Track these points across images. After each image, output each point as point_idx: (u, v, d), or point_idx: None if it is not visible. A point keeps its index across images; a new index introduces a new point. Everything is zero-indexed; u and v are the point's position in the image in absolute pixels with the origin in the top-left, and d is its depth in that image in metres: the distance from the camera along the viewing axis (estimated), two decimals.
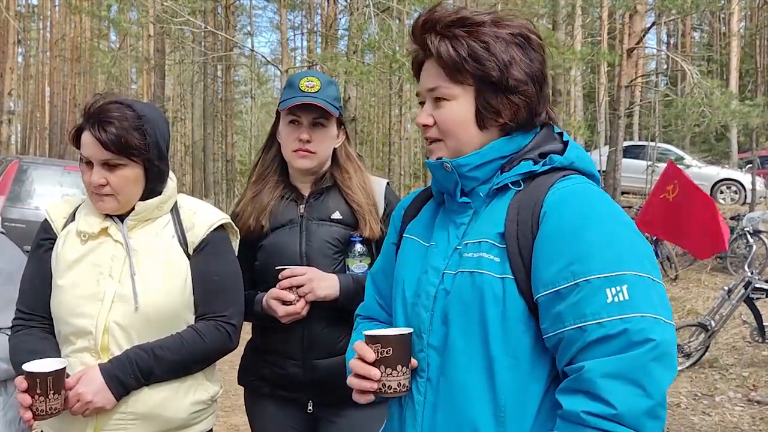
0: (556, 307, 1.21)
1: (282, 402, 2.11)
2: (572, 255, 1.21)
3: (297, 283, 1.98)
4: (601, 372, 1.14)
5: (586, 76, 22.97)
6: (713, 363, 6.65)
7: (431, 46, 1.31)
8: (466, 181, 1.36)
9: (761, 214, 11.65)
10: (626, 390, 1.13)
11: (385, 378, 1.31)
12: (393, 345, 1.31)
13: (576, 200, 1.26)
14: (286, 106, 2.05)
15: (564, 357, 1.21)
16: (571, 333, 1.19)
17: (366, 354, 1.31)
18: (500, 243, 1.29)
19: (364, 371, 1.32)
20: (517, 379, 1.25)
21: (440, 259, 1.36)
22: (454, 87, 1.33)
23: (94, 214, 1.80)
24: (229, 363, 1.99)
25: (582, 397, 1.16)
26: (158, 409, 1.75)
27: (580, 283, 1.19)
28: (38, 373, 1.54)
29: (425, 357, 1.35)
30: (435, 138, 1.37)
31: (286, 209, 2.11)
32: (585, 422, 1.15)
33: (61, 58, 28.56)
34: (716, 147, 24.19)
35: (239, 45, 20.64)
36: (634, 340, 1.14)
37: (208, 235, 1.84)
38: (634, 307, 1.16)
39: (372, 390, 1.32)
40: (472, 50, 1.29)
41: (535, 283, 1.24)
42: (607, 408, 1.13)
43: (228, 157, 22.87)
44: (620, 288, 1.17)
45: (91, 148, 1.72)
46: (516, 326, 1.25)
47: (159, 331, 1.76)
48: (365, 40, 12.06)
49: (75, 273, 1.76)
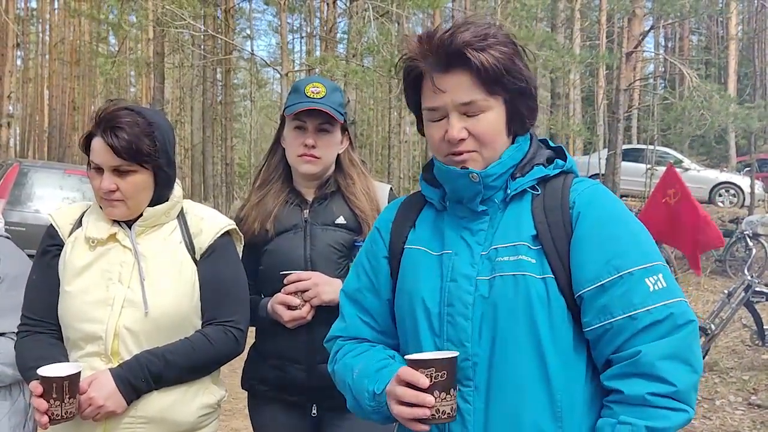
0: (601, 300, 1.28)
1: (285, 406, 2.12)
2: (612, 250, 1.29)
3: (302, 287, 1.99)
4: (658, 355, 1.23)
5: (585, 79, 23.01)
6: (713, 366, 6.65)
7: (474, 58, 1.30)
8: (488, 190, 1.38)
9: (760, 218, 11.68)
10: (681, 368, 1.24)
11: (439, 404, 1.26)
12: (447, 369, 1.26)
13: (603, 200, 1.36)
14: (292, 111, 2.06)
15: (610, 346, 1.28)
16: (620, 322, 1.26)
17: (419, 380, 1.25)
18: (534, 245, 1.33)
19: (418, 399, 1.26)
20: (566, 374, 1.31)
21: (468, 266, 1.36)
22: (490, 98, 1.35)
23: (102, 219, 1.81)
24: (230, 367, 2.00)
25: (642, 380, 1.24)
26: (167, 412, 1.76)
27: (624, 275, 1.27)
28: (55, 378, 1.55)
29: (471, 366, 1.34)
30: (471, 150, 1.36)
31: (290, 214, 2.12)
32: (650, 403, 1.22)
33: (60, 62, 28.56)
34: (715, 150, 24.24)
35: (239, 48, 20.66)
36: (679, 323, 1.25)
37: (215, 240, 1.86)
38: (673, 293, 1.27)
39: (425, 417, 1.26)
40: (509, 60, 1.34)
41: (577, 279, 1.30)
42: (669, 386, 1.22)
43: (227, 161, 22.85)
44: (657, 277, 1.28)
45: (102, 154, 1.73)
46: (561, 323, 1.31)
47: (168, 335, 1.77)
48: (364, 43, 12.07)
49: (84, 279, 1.77)
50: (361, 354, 1.48)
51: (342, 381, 1.48)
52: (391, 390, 1.32)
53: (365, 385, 1.39)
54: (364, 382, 1.40)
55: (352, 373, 1.44)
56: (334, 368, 1.52)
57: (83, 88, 28.50)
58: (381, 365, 1.41)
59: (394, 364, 1.40)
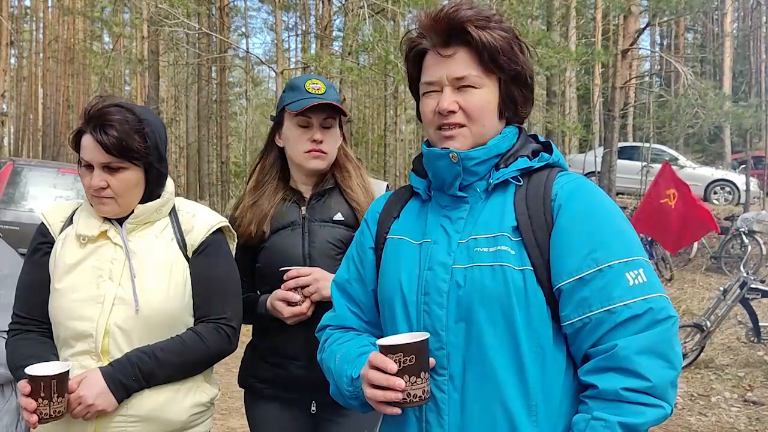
0: (580, 293, 1.27)
1: (284, 403, 2.11)
2: (592, 243, 1.28)
3: (303, 283, 1.99)
4: (634, 349, 1.22)
5: (581, 77, 23.02)
6: (709, 363, 6.67)
7: (474, 34, 1.34)
8: (468, 175, 1.38)
9: (755, 215, 11.71)
10: (657, 363, 1.22)
11: (410, 387, 1.27)
12: (416, 352, 1.27)
13: (585, 193, 1.35)
14: (300, 107, 2.05)
15: (588, 340, 1.27)
16: (599, 316, 1.25)
17: (387, 365, 1.27)
18: (514, 236, 1.33)
19: (388, 383, 1.27)
20: (542, 367, 1.30)
21: (444, 254, 1.37)
22: (485, 76, 1.38)
23: (93, 217, 1.80)
24: (225, 366, 1.99)
25: (617, 375, 1.22)
26: (158, 411, 1.75)
27: (604, 268, 1.26)
28: (42, 377, 1.54)
29: (445, 354, 1.34)
30: (459, 123, 1.38)
31: (287, 211, 2.11)
32: (625, 398, 1.21)
33: (55, 60, 28.45)
34: (710, 148, 24.30)
35: (234, 46, 20.61)
36: (659, 318, 1.24)
37: (206, 238, 1.84)
38: (653, 288, 1.26)
39: (397, 400, 1.28)
40: (506, 43, 1.37)
41: (556, 271, 1.30)
42: (644, 381, 1.21)
43: (223, 159, 22.80)
44: (638, 271, 1.27)
45: (92, 151, 1.72)
46: (538, 316, 1.30)
47: (159, 333, 1.75)
48: (359, 41, 12.05)
49: (74, 276, 1.75)
50: (346, 342, 1.50)
51: (327, 368, 1.49)
52: (364, 374, 1.33)
53: (344, 370, 1.41)
54: (344, 367, 1.42)
55: (334, 359, 1.46)
56: (322, 356, 1.53)
57: (77, 86, 28.40)
58: (361, 351, 1.43)
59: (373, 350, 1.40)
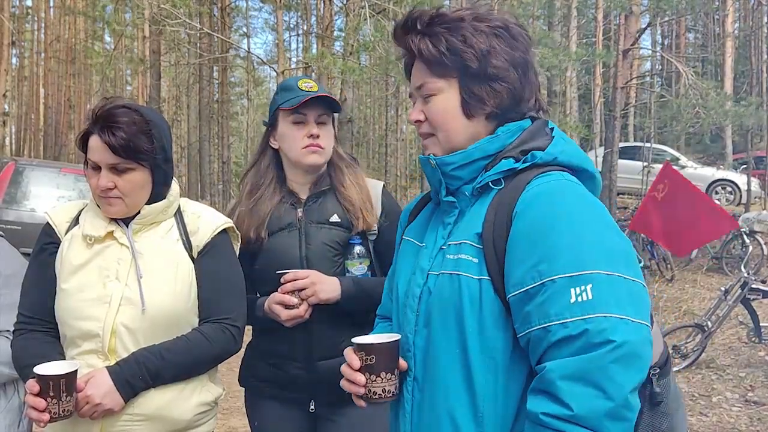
0: (525, 308, 1.20)
1: (284, 402, 2.12)
2: (539, 254, 1.20)
3: (300, 286, 1.99)
4: (560, 373, 1.13)
5: (582, 77, 23.01)
6: (710, 364, 6.67)
7: (412, 46, 1.36)
8: (449, 180, 1.38)
9: (756, 215, 11.71)
10: (584, 392, 1.12)
11: (370, 384, 1.36)
12: (376, 353, 1.35)
13: (547, 199, 1.24)
14: (294, 104, 2.06)
15: (533, 357, 1.21)
16: (537, 333, 1.18)
17: (352, 361, 1.38)
18: (478, 243, 1.29)
19: (351, 377, 1.38)
20: (494, 379, 1.25)
21: (426, 260, 1.39)
22: (438, 81, 1.36)
23: (99, 217, 1.81)
24: (227, 365, 2.00)
25: (543, 398, 1.16)
26: (164, 410, 1.76)
27: (546, 282, 1.18)
28: (52, 376, 1.55)
29: (412, 357, 1.38)
30: (427, 133, 1.41)
31: (284, 213, 2.12)
32: (543, 423, 1.14)
33: (56, 60, 28.49)
34: (711, 148, 24.26)
35: (235, 46, 20.61)
36: (594, 342, 1.12)
37: (212, 238, 1.85)
38: (597, 307, 1.14)
39: (359, 395, 1.38)
40: (451, 44, 1.32)
41: (507, 282, 1.24)
42: (564, 409, 1.12)
43: (224, 159, 22.82)
44: (584, 288, 1.15)
45: (99, 152, 1.73)
46: (492, 327, 1.25)
47: (165, 333, 1.77)
48: (360, 40, 12.04)
49: (81, 276, 1.76)
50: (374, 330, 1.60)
51: None
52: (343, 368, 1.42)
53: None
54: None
55: None
56: None
57: (79, 86, 28.43)
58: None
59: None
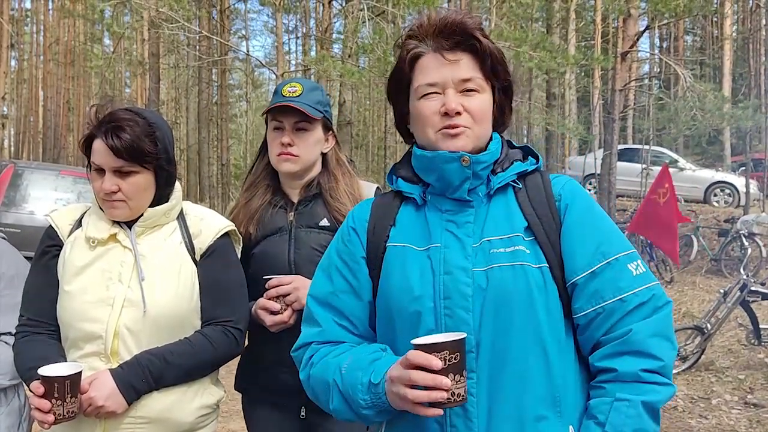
0: (592, 286, 1.35)
1: (276, 408, 2.13)
2: (599, 238, 1.38)
3: (283, 292, 1.99)
4: (648, 333, 1.31)
5: (581, 79, 23.06)
6: (709, 366, 6.67)
7: (484, 42, 1.40)
8: (475, 179, 1.40)
9: (755, 217, 11.72)
10: (666, 345, 1.32)
11: (454, 386, 1.22)
12: (460, 350, 1.23)
13: (582, 193, 1.44)
14: (267, 110, 2.11)
15: (601, 328, 1.34)
16: (612, 305, 1.33)
17: (432, 362, 1.21)
18: (527, 236, 1.38)
19: (435, 381, 1.21)
20: (562, 360, 1.35)
21: (462, 258, 1.37)
22: (485, 82, 1.43)
23: (102, 220, 1.81)
24: (227, 368, 2.00)
25: (634, 357, 1.30)
26: (167, 413, 1.76)
27: (611, 261, 1.35)
28: (56, 378, 1.55)
29: (474, 357, 1.33)
30: (464, 126, 1.40)
31: (275, 217, 2.13)
32: (643, 379, 1.29)
33: (55, 62, 28.49)
34: (709, 150, 24.31)
35: (234, 49, 20.64)
36: (659, 304, 1.34)
37: (214, 241, 1.86)
38: (650, 278, 1.37)
39: (442, 400, 1.22)
40: (501, 55, 1.45)
41: (570, 267, 1.36)
42: (658, 362, 1.30)
43: (223, 161, 22.84)
44: (637, 263, 1.37)
45: (103, 155, 1.73)
46: (556, 311, 1.36)
47: (168, 335, 1.77)
48: (359, 43, 12.06)
49: (84, 278, 1.76)
50: (345, 352, 1.42)
51: (323, 382, 1.41)
52: (400, 375, 1.26)
53: (359, 378, 1.34)
54: (358, 374, 1.34)
55: (339, 370, 1.37)
56: (310, 373, 1.45)
57: (78, 88, 28.44)
58: (374, 357, 1.37)
59: (387, 356, 1.36)
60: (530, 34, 13.27)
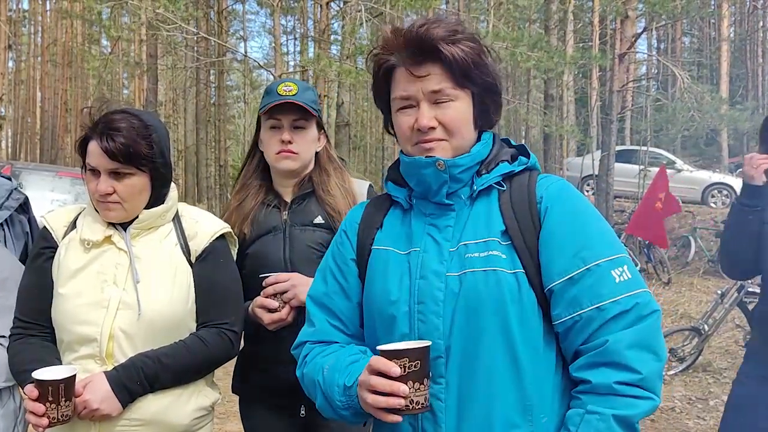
0: (570, 293, 1.30)
1: (275, 408, 2.12)
2: (579, 243, 1.32)
3: (281, 289, 1.99)
4: (626, 344, 1.26)
5: (578, 80, 23.07)
6: (707, 367, 6.67)
7: (445, 51, 1.35)
8: (453, 182, 1.39)
9: None
10: (646, 356, 1.26)
11: (413, 394, 1.24)
12: (420, 358, 1.25)
13: (566, 195, 1.38)
14: (266, 108, 2.10)
15: (579, 337, 1.30)
16: (589, 313, 1.29)
17: (390, 369, 1.24)
18: (504, 240, 1.35)
19: (392, 388, 1.24)
20: (536, 368, 1.32)
21: (437, 263, 1.37)
22: (459, 90, 1.39)
23: (97, 222, 1.81)
24: (223, 370, 1.99)
25: (609, 369, 1.26)
26: (161, 415, 1.76)
27: (591, 267, 1.30)
28: (51, 381, 1.54)
29: (443, 362, 1.34)
30: (439, 138, 1.39)
31: (269, 216, 2.13)
32: (617, 391, 1.25)
33: (53, 63, 28.44)
34: (707, 151, 24.33)
35: (232, 50, 20.63)
36: (644, 313, 1.29)
37: (210, 244, 1.86)
38: (637, 284, 1.31)
39: (399, 407, 1.25)
40: (476, 55, 1.39)
41: (547, 273, 1.32)
42: (635, 374, 1.25)
43: (221, 162, 22.78)
44: (623, 269, 1.31)
45: (98, 157, 1.73)
46: (531, 317, 1.32)
47: (163, 338, 1.77)
48: (356, 44, 12.06)
49: (78, 281, 1.76)
50: (332, 353, 1.46)
51: (311, 381, 1.45)
52: (364, 380, 1.29)
53: (336, 379, 1.37)
54: (335, 376, 1.38)
55: (322, 370, 1.42)
56: (304, 371, 1.49)
57: (76, 89, 28.37)
58: (352, 359, 1.40)
59: (365, 358, 1.37)
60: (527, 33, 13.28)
